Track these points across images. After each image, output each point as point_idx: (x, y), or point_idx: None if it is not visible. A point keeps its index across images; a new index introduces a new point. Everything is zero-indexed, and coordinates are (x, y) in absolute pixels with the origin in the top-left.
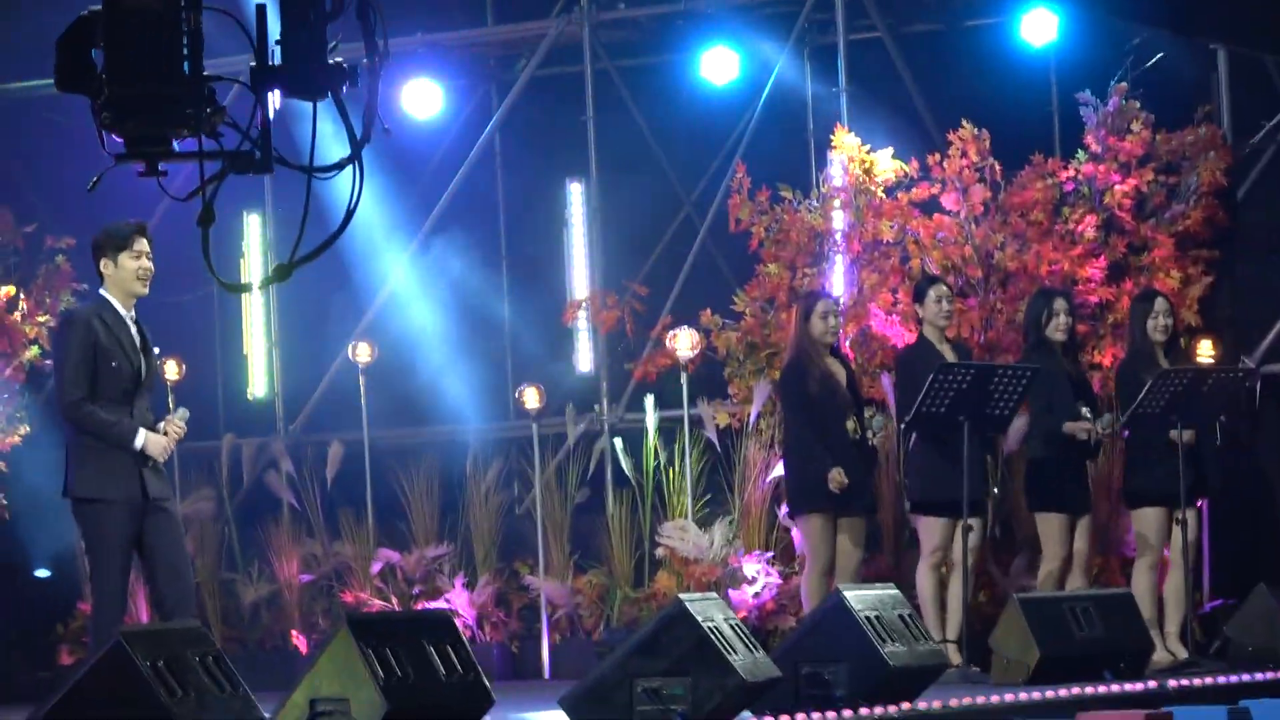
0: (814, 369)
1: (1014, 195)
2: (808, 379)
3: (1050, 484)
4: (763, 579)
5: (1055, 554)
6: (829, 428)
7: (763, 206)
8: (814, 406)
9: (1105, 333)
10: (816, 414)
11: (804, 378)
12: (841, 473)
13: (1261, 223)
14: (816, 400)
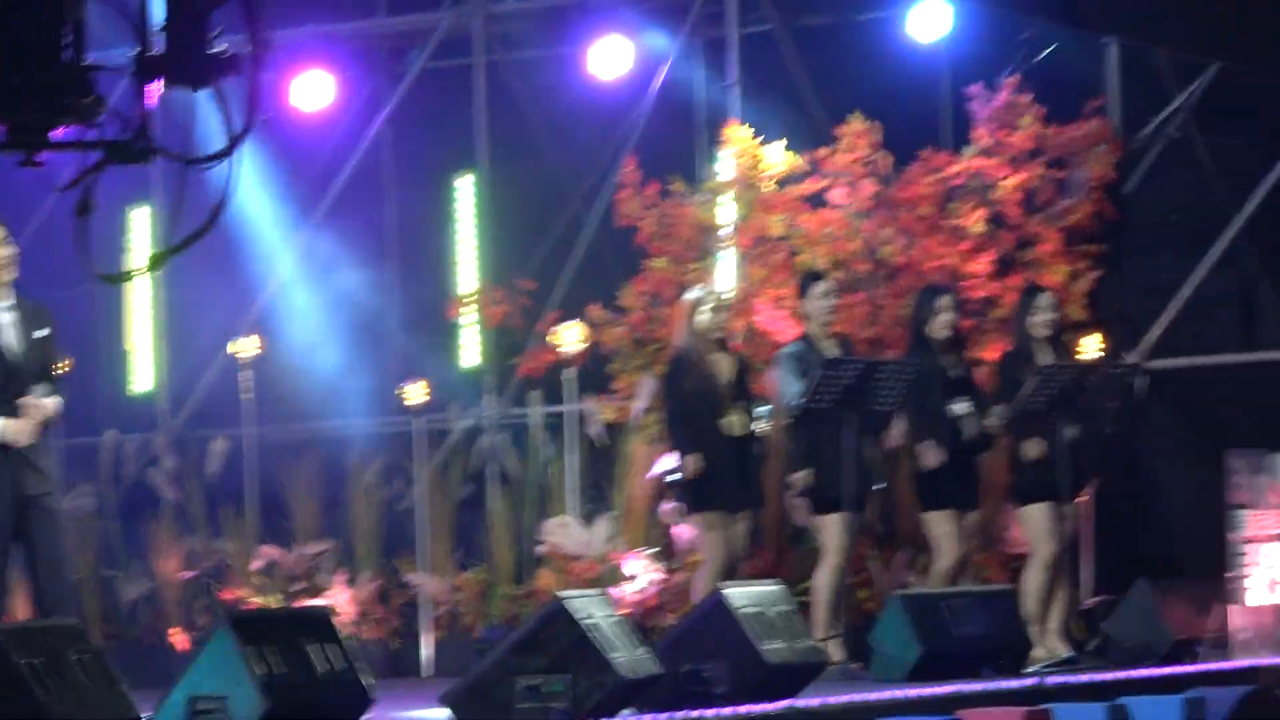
0: (693, 365)
1: (902, 190)
2: (684, 375)
3: (937, 483)
4: (645, 576)
5: (950, 552)
6: (701, 424)
7: (651, 200)
8: (687, 403)
9: (991, 328)
10: (690, 410)
11: (680, 373)
12: (698, 459)
13: (1149, 218)
14: (691, 396)
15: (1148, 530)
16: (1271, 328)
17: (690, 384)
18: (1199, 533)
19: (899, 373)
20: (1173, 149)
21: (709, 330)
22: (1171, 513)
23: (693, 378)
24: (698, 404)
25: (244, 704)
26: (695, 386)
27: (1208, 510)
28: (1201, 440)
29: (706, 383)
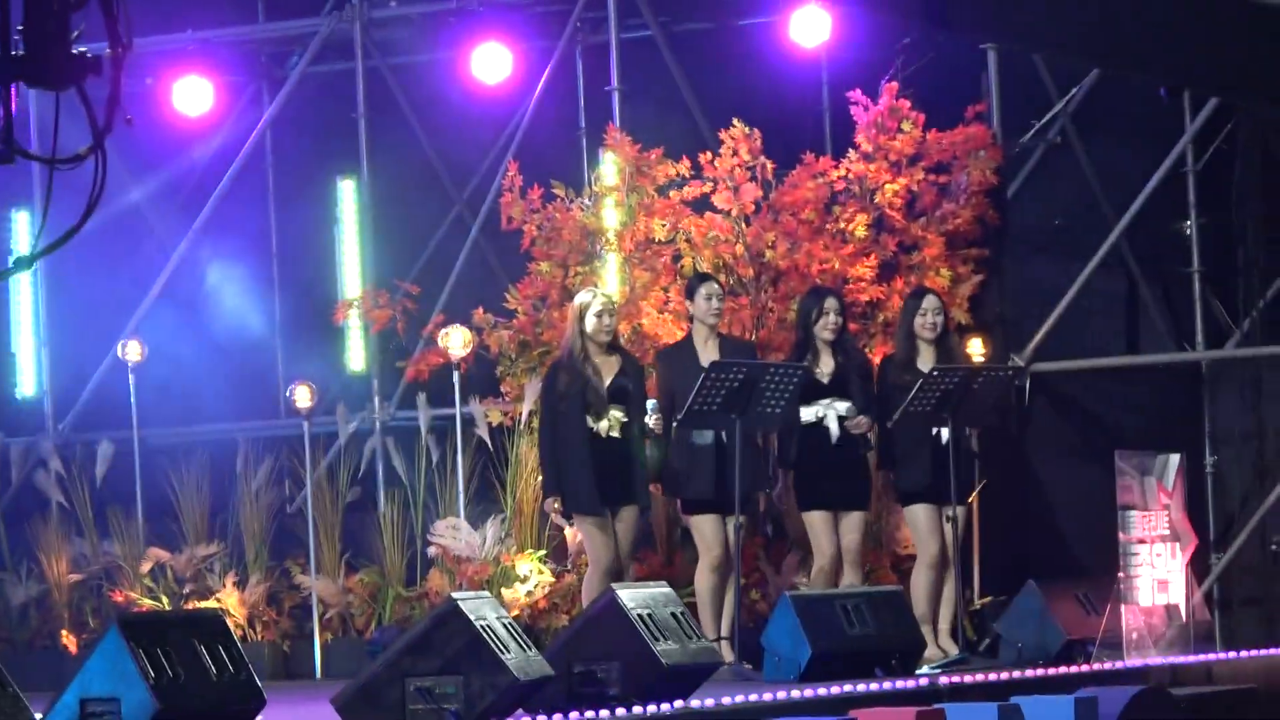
0: (567, 367)
1: (785, 194)
2: (558, 377)
3: (811, 482)
4: (535, 577)
5: (823, 551)
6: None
7: (535, 205)
8: (555, 404)
9: (876, 331)
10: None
11: (554, 375)
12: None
13: (1031, 222)
14: (562, 397)
15: (1037, 531)
16: (1154, 331)
17: (563, 385)
18: (1088, 534)
19: (786, 376)
20: (1053, 155)
21: (597, 333)
22: (1060, 514)
23: (566, 379)
24: (569, 405)
25: (136, 706)
26: (568, 387)
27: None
28: (1088, 442)
29: (582, 384)
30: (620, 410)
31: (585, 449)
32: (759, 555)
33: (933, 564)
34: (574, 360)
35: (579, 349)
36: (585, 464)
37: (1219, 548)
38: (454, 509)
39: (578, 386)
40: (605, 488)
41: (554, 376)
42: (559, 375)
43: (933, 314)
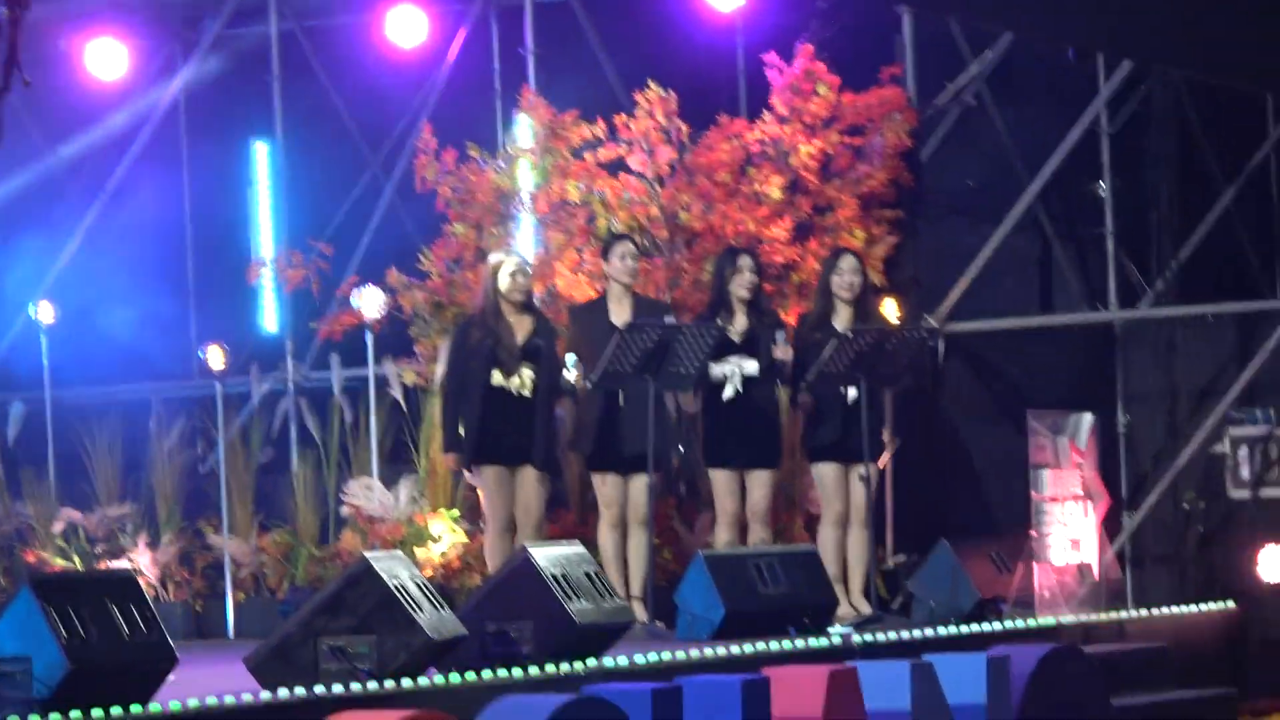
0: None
1: (700, 156)
2: (469, 333)
3: (716, 440)
4: (448, 537)
5: (725, 509)
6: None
7: (449, 167)
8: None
9: (790, 292)
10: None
11: (465, 331)
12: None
13: (945, 184)
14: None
15: (950, 490)
16: (1067, 291)
17: (474, 341)
18: (1001, 493)
19: (700, 337)
20: (968, 117)
21: (511, 292)
22: (973, 473)
23: (478, 335)
24: (478, 361)
25: (47, 665)
26: (479, 344)
27: (1009, 470)
28: (1001, 402)
29: (493, 340)
30: (531, 369)
31: (490, 404)
32: (672, 514)
33: (837, 522)
34: (486, 317)
35: (492, 307)
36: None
37: (1131, 506)
38: (367, 469)
39: (489, 343)
40: (508, 444)
41: (465, 332)
42: (470, 331)
43: (850, 274)
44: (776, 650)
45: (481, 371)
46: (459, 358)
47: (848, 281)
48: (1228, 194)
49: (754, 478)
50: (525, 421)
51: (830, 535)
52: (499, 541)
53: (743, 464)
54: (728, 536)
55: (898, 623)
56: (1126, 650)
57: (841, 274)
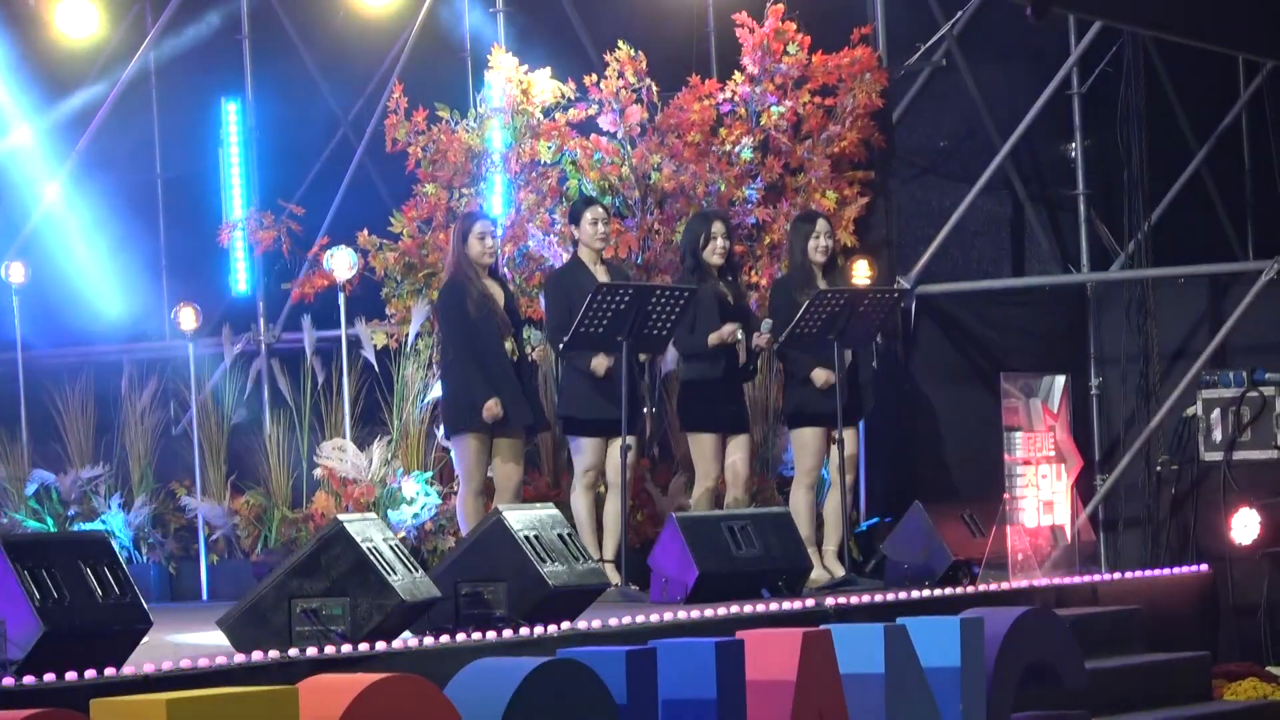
0: (471, 289)
1: (671, 116)
2: (465, 299)
3: (700, 404)
4: (421, 499)
5: (708, 473)
6: (486, 348)
7: (420, 127)
8: (471, 327)
9: (762, 253)
10: (473, 335)
11: (461, 298)
12: (498, 403)
13: (916, 144)
14: (473, 321)
15: (923, 453)
16: (1039, 253)
17: (473, 305)
18: (973, 455)
19: (674, 299)
20: (939, 77)
21: (480, 256)
22: (946, 436)
23: (469, 302)
24: (475, 330)
25: (21, 627)
26: (473, 312)
27: (981, 433)
28: (974, 364)
29: (482, 307)
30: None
31: (494, 372)
32: (645, 477)
33: (811, 485)
34: (473, 281)
35: (472, 271)
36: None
37: (1104, 469)
38: (340, 431)
39: (487, 309)
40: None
41: (460, 297)
42: (466, 295)
43: (825, 237)
44: (750, 613)
45: (485, 341)
46: (464, 323)
47: (823, 245)
48: (1200, 154)
49: (733, 442)
50: (515, 387)
51: (805, 498)
52: (474, 505)
53: (725, 428)
54: (706, 499)
55: (871, 585)
56: (1099, 613)
57: (816, 237)
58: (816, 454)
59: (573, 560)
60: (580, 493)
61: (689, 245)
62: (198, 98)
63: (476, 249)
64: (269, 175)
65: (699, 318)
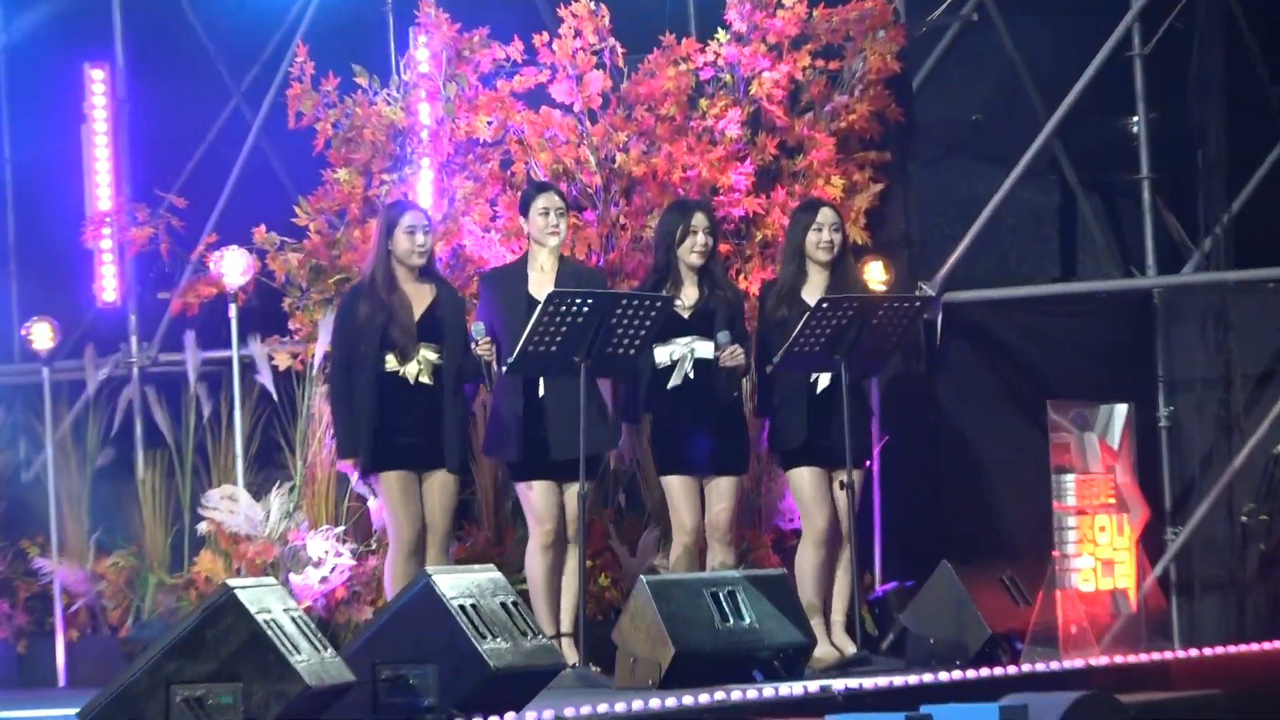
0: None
1: (640, 85)
2: (356, 306)
3: (676, 439)
4: (332, 560)
5: (684, 526)
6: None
7: (330, 98)
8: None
9: (753, 253)
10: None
11: (352, 304)
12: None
13: (942, 118)
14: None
15: (951, 499)
16: (1094, 252)
17: (363, 316)
18: (1014, 502)
19: (643, 310)
20: (969, 35)
21: (407, 255)
22: (980, 478)
23: (367, 309)
24: (369, 342)
25: None
26: (369, 320)
27: (1024, 475)
28: (1014, 389)
29: (385, 316)
30: (433, 350)
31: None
32: (608, 531)
33: (820, 541)
34: (377, 288)
35: (384, 274)
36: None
37: (1176, 520)
38: (230, 475)
39: (380, 319)
40: (408, 443)
41: (352, 306)
42: (358, 304)
43: (829, 230)
44: (740, 701)
45: (373, 355)
46: (346, 337)
47: (826, 239)
48: None
49: (715, 486)
50: (429, 415)
51: (813, 558)
52: (405, 566)
53: (702, 469)
54: (685, 558)
55: (889, 665)
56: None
57: (818, 229)
58: (820, 501)
59: (519, 635)
60: (537, 552)
61: (664, 238)
62: (55, 63)
63: (405, 246)
64: (143, 158)
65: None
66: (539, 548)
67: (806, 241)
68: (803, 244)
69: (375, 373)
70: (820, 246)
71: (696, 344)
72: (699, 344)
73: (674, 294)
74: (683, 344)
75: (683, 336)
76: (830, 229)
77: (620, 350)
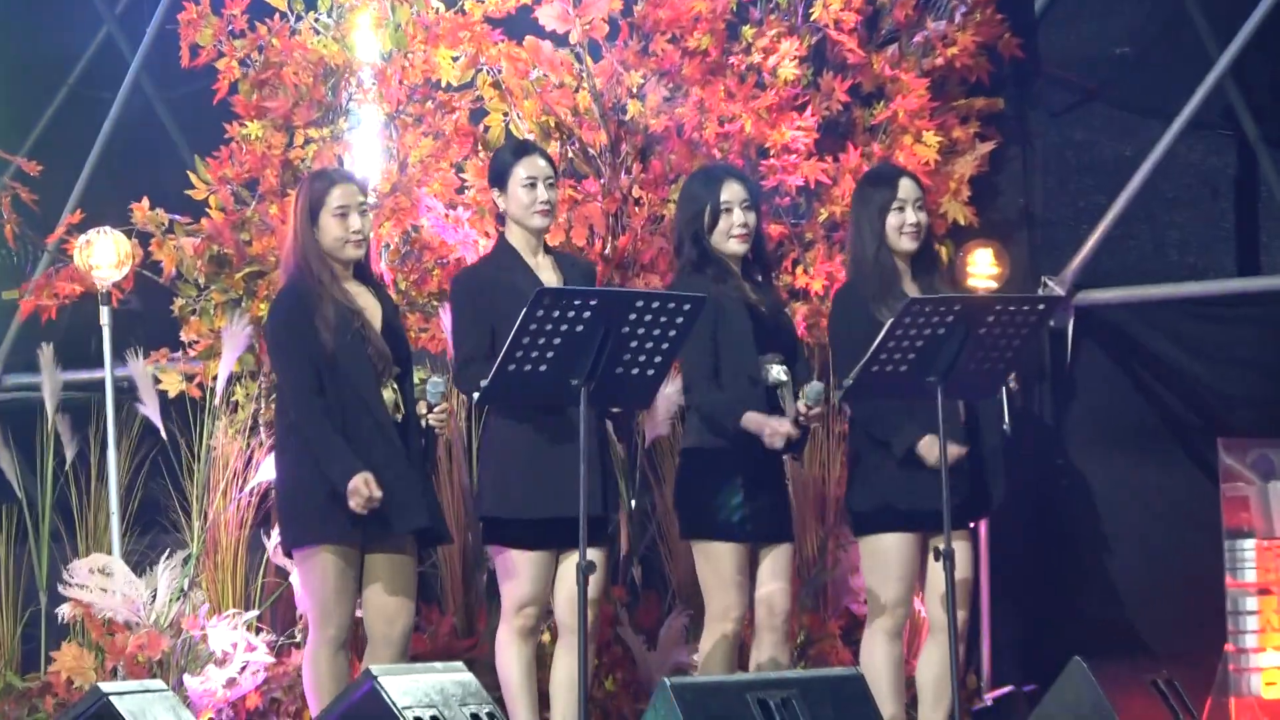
0: (323, 300)
1: (660, 5)
2: (313, 317)
3: (712, 495)
4: (241, 656)
5: (724, 607)
6: (350, 400)
7: (237, 25)
8: (323, 364)
9: (816, 239)
10: (325, 376)
11: (306, 315)
12: (371, 483)
13: (1075, 52)
14: (329, 353)
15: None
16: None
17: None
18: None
19: (668, 314)
20: None
21: (340, 245)
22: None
23: (321, 322)
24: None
25: None
26: (327, 337)
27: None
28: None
29: (343, 329)
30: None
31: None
32: (618, 616)
33: (896, 630)
34: (325, 286)
35: (324, 269)
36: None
37: None
38: (103, 541)
39: (355, 328)
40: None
41: (302, 312)
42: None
43: (912, 208)
44: None
45: (364, 383)
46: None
47: (911, 221)
48: None
49: (769, 558)
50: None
51: (886, 651)
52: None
53: (754, 535)
54: (723, 652)
55: None
56: None
57: (900, 209)
58: (907, 577)
59: None
60: (512, 642)
61: (688, 222)
62: None
63: (335, 232)
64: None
65: (724, 350)
66: (517, 635)
67: (885, 226)
68: (881, 229)
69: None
70: (904, 232)
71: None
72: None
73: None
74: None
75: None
76: (913, 206)
77: (636, 371)
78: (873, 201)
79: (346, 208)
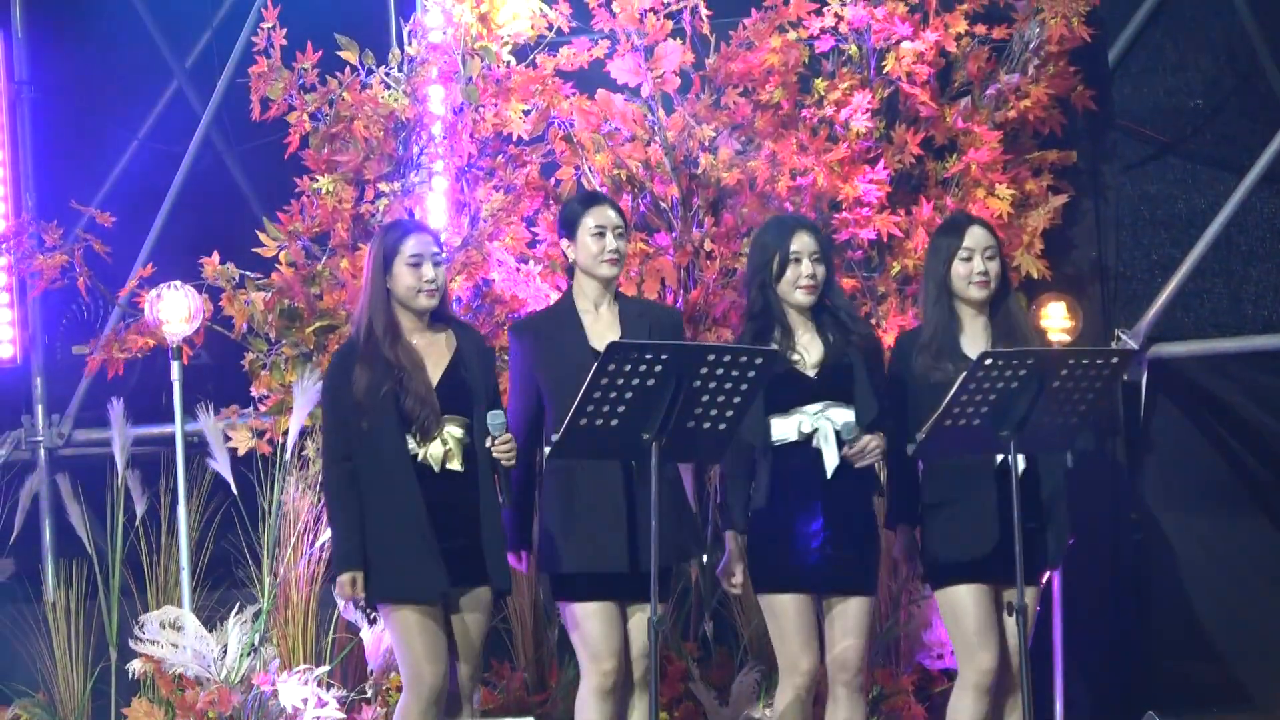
0: (372, 355)
1: (732, 59)
2: (350, 371)
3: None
4: (312, 712)
5: (795, 663)
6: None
7: (308, 79)
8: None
9: (887, 292)
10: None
11: (344, 376)
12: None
13: (1149, 104)
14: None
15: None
16: None
17: (362, 386)
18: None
19: (741, 368)
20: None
21: (411, 296)
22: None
23: (367, 376)
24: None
25: None
26: (370, 390)
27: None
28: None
29: (393, 382)
30: (459, 424)
31: (405, 493)
32: (689, 671)
33: (984, 686)
34: (376, 343)
35: (384, 323)
36: (407, 520)
37: None
38: (173, 595)
39: (387, 388)
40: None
41: (342, 371)
42: (352, 368)
43: (982, 258)
44: None
45: (383, 437)
46: (339, 414)
47: (980, 271)
48: None
49: (841, 611)
50: (458, 516)
51: (967, 707)
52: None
53: (826, 587)
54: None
55: None
56: None
57: (968, 258)
58: (982, 630)
59: None
60: (591, 699)
61: (756, 271)
62: None
63: (408, 281)
64: (56, 161)
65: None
66: (594, 693)
67: (953, 275)
68: (947, 278)
69: (390, 462)
70: (973, 282)
71: (830, 411)
72: (833, 411)
73: (785, 346)
74: (812, 412)
75: (810, 404)
76: (983, 256)
77: (709, 425)
78: (940, 249)
79: (420, 257)
